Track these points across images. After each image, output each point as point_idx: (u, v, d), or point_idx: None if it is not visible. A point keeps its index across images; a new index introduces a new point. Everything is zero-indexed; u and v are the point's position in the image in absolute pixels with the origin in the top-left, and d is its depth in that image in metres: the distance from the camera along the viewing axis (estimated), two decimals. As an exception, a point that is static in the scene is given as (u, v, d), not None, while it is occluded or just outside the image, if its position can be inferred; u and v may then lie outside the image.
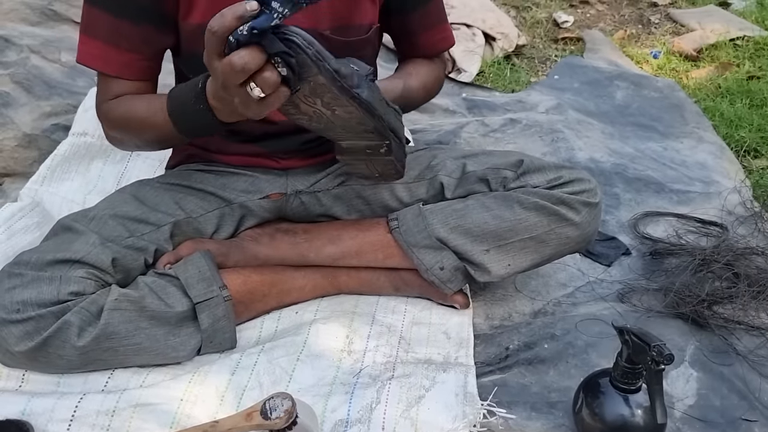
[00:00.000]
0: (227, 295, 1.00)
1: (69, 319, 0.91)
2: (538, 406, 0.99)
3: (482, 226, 1.04)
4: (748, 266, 1.24)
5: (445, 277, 1.07)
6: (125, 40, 0.96)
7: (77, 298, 0.93)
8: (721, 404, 1.00)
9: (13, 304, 0.90)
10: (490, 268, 1.06)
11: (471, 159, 1.12)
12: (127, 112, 1.04)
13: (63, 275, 0.93)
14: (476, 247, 1.05)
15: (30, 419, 0.88)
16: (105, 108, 1.04)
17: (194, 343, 1.00)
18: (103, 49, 0.97)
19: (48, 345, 0.91)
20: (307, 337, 1.04)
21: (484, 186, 1.09)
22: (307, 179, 1.14)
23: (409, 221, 1.07)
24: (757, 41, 2.32)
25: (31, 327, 0.90)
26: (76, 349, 0.92)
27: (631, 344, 0.84)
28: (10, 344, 0.90)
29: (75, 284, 0.93)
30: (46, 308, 0.90)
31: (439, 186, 1.11)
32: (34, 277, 0.92)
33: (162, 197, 1.07)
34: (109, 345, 0.94)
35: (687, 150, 1.70)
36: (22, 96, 1.51)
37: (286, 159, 1.13)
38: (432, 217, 1.06)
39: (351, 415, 0.93)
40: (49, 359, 0.92)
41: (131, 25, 0.96)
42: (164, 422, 0.89)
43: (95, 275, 0.96)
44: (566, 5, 2.70)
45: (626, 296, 1.21)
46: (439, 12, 1.13)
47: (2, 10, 1.71)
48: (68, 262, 0.94)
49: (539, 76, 2.18)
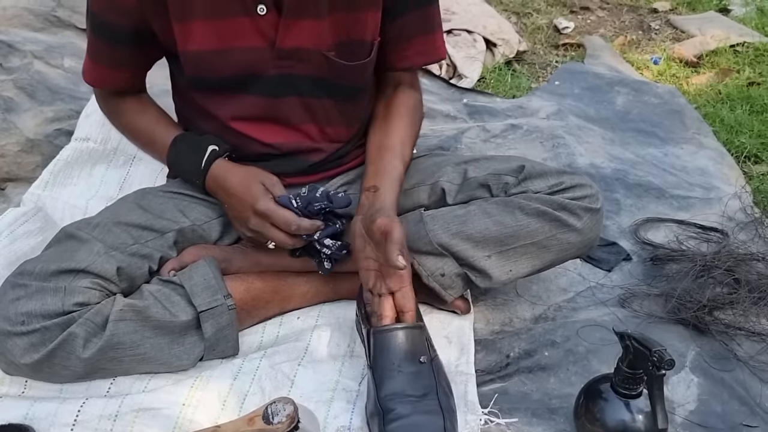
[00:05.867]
0: (231, 304, 1.00)
1: (74, 330, 0.90)
2: (539, 412, 0.99)
3: (484, 232, 1.04)
4: (748, 272, 1.24)
5: (446, 284, 1.07)
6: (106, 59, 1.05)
7: (82, 308, 0.92)
8: (721, 410, 1.00)
9: (18, 315, 0.89)
10: (491, 273, 1.06)
11: (472, 164, 1.12)
12: (127, 125, 1.15)
13: (67, 286, 0.92)
14: (478, 253, 1.05)
15: (32, 424, 0.88)
16: (103, 108, 1.14)
17: (198, 352, 1.00)
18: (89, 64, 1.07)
19: (53, 357, 0.90)
20: (309, 342, 1.04)
21: (486, 192, 1.09)
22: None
23: (410, 227, 1.07)
24: (757, 47, 2.33)
25: (36, 339, 0.89)
26: (81, 360, 0.91)
27: (632, 350, 0.84)
28: (16, 356, 0.90)
29: (80, 295, 0.92)
30: (51, 320, 0.90)
31: (441, 192, 1.11)
32: (39, 288, 0.91)
33: (166, 205, 1.07)
34: (114, 355, 0.94)
35: (687, 156, 1.70)
36: (26, 101, 1.52)
37: (290, 177, 1.12)
38: (433, 223, 1.06)
39: (353, 422, 0.93)
40: (54, 370, 0.92)
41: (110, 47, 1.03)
42: (166, 427, 0.90)
43: (100, 285, 0.95)
44: (567, 11, 2.71)
45: (627, 301, 1.21)
46: (433, 18, 1.10)
47: (6, 15, 1.72)
48: (73, 272, 0.94)
49: (540, 82, 2.19)
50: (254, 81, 1.02)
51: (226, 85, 1.02)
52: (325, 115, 1.09)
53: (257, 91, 1.03)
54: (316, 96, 1.06)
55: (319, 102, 1.07)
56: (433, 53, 1.13)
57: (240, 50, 0.98)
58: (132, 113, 1.12)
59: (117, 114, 1.14)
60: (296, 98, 1.05)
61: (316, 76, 1.03)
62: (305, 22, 0.98)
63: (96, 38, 1.03)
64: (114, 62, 1.05)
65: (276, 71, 1.01)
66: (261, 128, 1.07)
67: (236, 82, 1.02)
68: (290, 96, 1.05)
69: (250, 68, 1.00)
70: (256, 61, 1.00)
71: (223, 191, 1.05)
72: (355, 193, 1.14)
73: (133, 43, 1.01)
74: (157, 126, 1.11)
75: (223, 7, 0.95)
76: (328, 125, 1.10)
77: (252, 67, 1.00)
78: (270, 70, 1.01)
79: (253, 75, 1.01)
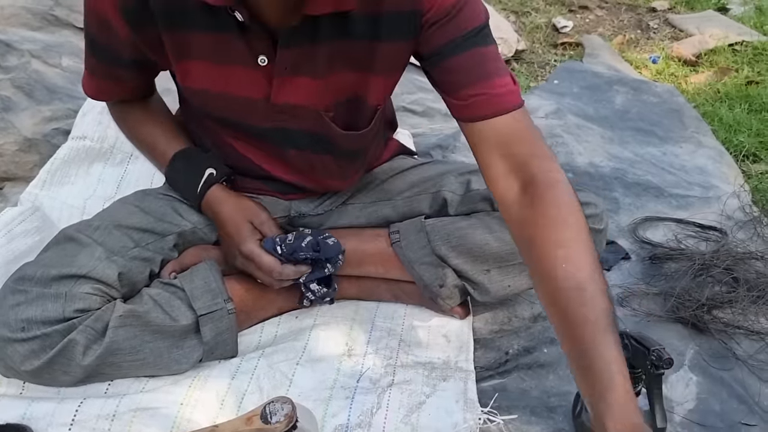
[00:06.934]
0: (231, 308, 0.99)
1: (75, 337, 0.89)
2: (537, 410, 0.99)
3: (484, 247, 1.03)
4: (747, 271, 1.24)
5: (445, 294, 1.07)
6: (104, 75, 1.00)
7: (83, 315, 0.91)
8: (720, 408, 1.00)
9: (18, 322, 0.88)
10: (489, 288, 1.05)
11: (476, 176, 1.09)
12: (131, 132, 1.10)
13: (68, 292, 0.91)
14: (477, 267, 1.04)
15: (30, 423, 0.88)
16: (111, 113, 1.11)
17: (196, 356, 0.99)
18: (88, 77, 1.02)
19: (53, 363, 0.90)
20: (307, 342, 1.04)
21: (488, 205, 1.07)
22: (310, 204, 1.14)
23: (410, 236, 1.06)
24: (755, 46, 2.33)
25: (36, 346, 0.89)
26: (81, 366, 0.91)
27: (631, 348, 0.84)
28: (16, 362, 0.89)
29: (81, 301, 0.91)
30: (51, 326, 0.89)
31: (443, 201, 1.09)
32: (39, 293, 0.90)
33: (166, 208, 1.06)
34: (113, 360, 0.93)
35: (686, 155, 1.70)
36: (23, 100, 1.51)
37: (292, 194, 1.11)
38: (434, 233, 1.05)
39: (351, 420, 0.93)
40: (54, 376, 0.91)
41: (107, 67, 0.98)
42: (165, 426, 0.89)
43: (101, 290, 0.94)
44: (565, 10, 2.71)
45: (626, 300, 1.21)
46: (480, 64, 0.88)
47: (3, 15, 1.71)
48: (73, 278, 0.92)
49: (539, 81, 2.19)
50: (253, 128, 0.99)
51: (228, 122, 1.00)
52: (324, 169, 1.05)
53: (257, 135, 1.00)
54: (314, 151, 1.02)
55: (317, 157, 1.03)
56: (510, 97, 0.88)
57: (237, 98, 0.94)
58: (135, 122, 1.09)
59: (122, 120, 1.11)
60: (294, 151, 1.01)
61: (312, 132, 0.98)
62: (301, 79, 0.90)
63: (93, 57, 0.98)
64: (113, 77, 1.00)
65: (271, 124, 0.97)
66: (264, 159, 1.05)
67: (236, 124, 0.99)
68: (287, 149, 1.01)
69: (247, 117, 0.97)
70: (252, 112, 0.95)
71: (216, 220, 1.04)
72: (355, 202, 1.13)
73: (131, 67, 0.97)
74: (160, 138, 1.07)
75: (224, 54, 0.88)
76: (327, 178, 1.07)
77: (248, 117, 0.97)
78: (265, 123, 0.97)
79: (250, 125, 0.98)
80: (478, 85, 0.87)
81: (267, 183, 1.09)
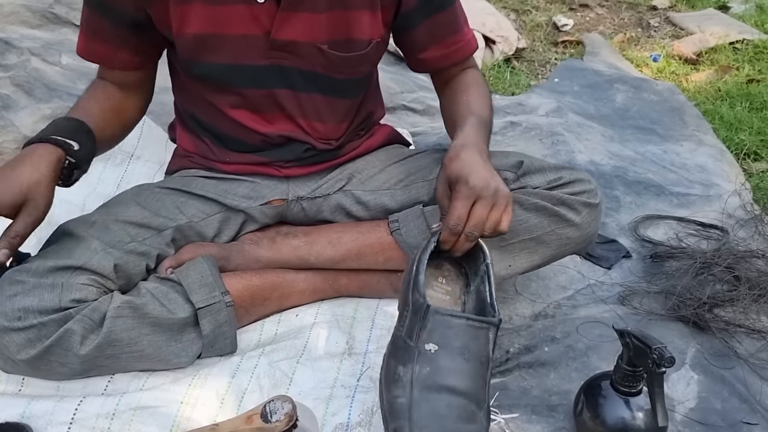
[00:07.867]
0: (229, 301, 1.00)
1: (71, 327, 0.90)
2: (538, 409, 0.99)
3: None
4: (748, 269, 1.24)
5: None
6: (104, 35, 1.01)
7: (79, 305, 0.92)
8: (721, 407, 1.00)
9: (15, 311, 0.89)
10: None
11: None
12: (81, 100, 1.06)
13: (65, 282, 0.92)
14: None
15: (29, 422, 0.88)
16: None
17: (196, 350, 0.99)
18: (85, 40, 1.03)
19: (50, 353, 0.90)
20: (308, 340, 1.04)
21: None
22: (308, 185, 1.14)
23: (410, 222, 1.07)
24: (756, 45, 2.33)
25: (33, 335, 0.89)
26: (78, 357, 0.91)
27: (632, 347, 0.84)
28: (12, 352, 0.89)
29: (77, 291, 0.92)
30: (48, 316, 0.89)
31: None
32: (36, 284, 0.91)
33: (163, 202, 1.07)
34: (111, 352, 0.93)
35: (687, 153, 1.70)
36: (23, 99, 1.51)
37: (287, 167, 1.13)
38: (433, 218, 1.06)
39: (351, 419, 0.93)
40: (51, 367, 0.92)
41: (110, 26, 0.99)
42: (164, 425, 0.89)
43: (97, 282, 0.95)
44: (566, 8, 2.71)
45: (627, 299, 1.21)
46: (450, 23, 1.09)
47: (3, 12, 1.71)
48: (70, 269, 0.93)
49: (539, 80, 2.19)
50: (245, 71, 1.01)
51: (219, 74, 1.02)
52: (315, 110, 1.08)
53: (249, 82, 1.03)
54: (305, 90, 1.06)
55: (308, 96, 1.06)
56: (457, 54, 1.12)
57: (234, 37, 0.98)
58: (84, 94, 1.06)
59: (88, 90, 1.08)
60: (287, 91, 1.05)
61: (306, 69, 1.03)
62: (302, 14, 0.98)
63: (90, 10, 0.99)
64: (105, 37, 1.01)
65: (267, 62, 1.01)
66: (256, 117, 1.07)
67: (228, 72, 1.02)
68: (281, 88, 1.04)
69: (241, 57, 1.00)
70: (249, 50, 0.99)
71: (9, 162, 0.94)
72: (352, 190, 1.14)
73: (127, 28, 0.99)
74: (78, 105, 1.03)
75: None
76: (317, 121, 1.10)
77: (244, 56, 1.00)
78: (261, 60, 1.01)
79: (244, 65, 1.01)
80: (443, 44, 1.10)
81: (262, 154, 1.09)
